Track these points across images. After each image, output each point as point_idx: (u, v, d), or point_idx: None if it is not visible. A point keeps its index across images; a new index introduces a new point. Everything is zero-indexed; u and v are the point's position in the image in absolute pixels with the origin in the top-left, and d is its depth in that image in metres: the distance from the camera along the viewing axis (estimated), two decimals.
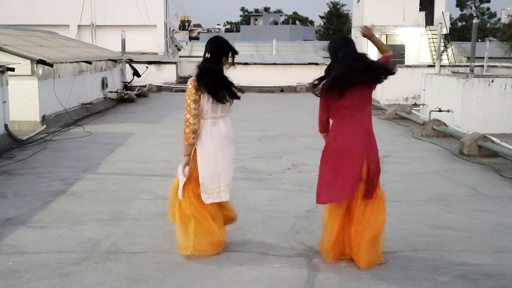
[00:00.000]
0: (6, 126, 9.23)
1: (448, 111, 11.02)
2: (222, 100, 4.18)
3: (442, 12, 32.92)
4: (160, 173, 7.23)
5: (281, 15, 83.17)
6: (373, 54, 14.69)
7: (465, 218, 5.37)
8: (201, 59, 4.29)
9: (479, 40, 37.04)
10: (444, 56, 31.12)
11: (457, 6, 57.25)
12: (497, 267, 4.16)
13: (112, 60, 16.88)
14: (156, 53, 27.42)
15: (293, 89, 21.42)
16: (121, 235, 4.79)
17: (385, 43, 33.25)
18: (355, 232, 4.09)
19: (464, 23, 55.68)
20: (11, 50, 10.76)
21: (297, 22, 75.06)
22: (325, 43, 34.16)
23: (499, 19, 60.70)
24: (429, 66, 18.97)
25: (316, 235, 4.62)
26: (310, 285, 3.82)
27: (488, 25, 56.85)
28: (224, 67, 4.25)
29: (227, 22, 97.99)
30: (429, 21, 32.87)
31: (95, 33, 28.14)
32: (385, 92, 16.13)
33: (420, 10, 33.09)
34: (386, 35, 33.24)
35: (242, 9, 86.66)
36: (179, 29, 47.75)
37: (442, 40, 25.43)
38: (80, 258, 4.26)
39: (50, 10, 27.61)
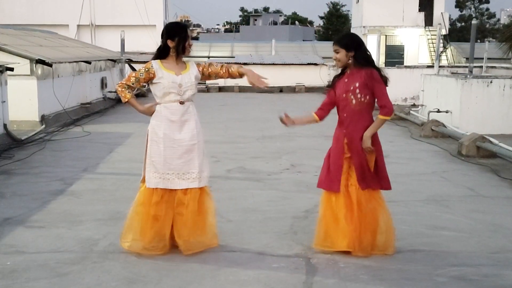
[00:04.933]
0: (5, 125, 9.24)
1: (446, 111, 11.03)
2: None
3: (441, 13, 32.95)
4: None
5: (280, 15, 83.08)
6: (372, 54, 14.65)
7: (463, 218, 5.38)
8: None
9: (478, 40, 37.04)
10: (443, 57, 31.16)
11: (456, 6, 57.31)
12: (494, 267, 4.17)
13: (111, 60, 16.89)
14: None
15: (292, 89, 21.42)
16: (119, 234, 4.78)
17: (383, 44, 33.22)
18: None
19: (463, 23, 55.69)
20: (11, 49, 10.77)
21: (296, 22, 75.03)
22: (325, 43, 34.29)
23: (498, 20, 60.78)
24: (428, 66, 18.96)
25: (314, 235, 4.62)
26: (308, 286, 3.83)
27: (487, 25, 56.90)
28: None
29: (227, 22, 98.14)
30: (428, 21, 32.91)
31: (94, 33, 28.18)
32: None
33: (419, 10, 33.11)
34: (386, 35, 33.25)
35: (242, 9, 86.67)
36: None
37: (441, 41, 25.47)
38: (78, 257, 4.26)
39: (49, 10, 27.65)
